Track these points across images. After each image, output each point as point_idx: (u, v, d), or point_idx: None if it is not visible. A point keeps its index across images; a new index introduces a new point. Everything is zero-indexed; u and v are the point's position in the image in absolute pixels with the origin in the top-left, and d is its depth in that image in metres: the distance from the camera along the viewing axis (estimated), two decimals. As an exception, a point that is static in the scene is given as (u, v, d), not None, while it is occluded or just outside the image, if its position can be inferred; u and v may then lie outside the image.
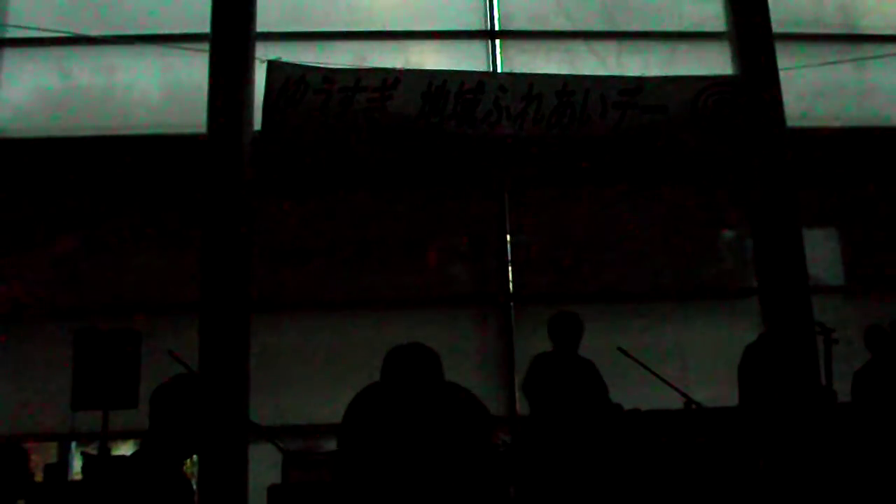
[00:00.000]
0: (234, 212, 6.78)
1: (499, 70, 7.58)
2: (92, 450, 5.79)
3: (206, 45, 7.08)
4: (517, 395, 6.92)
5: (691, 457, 5.21)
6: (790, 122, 7.33)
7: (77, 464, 7.01)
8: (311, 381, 6.82)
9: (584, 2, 7.94)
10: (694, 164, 7.25)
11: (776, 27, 7.54)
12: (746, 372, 4.96)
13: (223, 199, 6.79)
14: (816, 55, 7.73)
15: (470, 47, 7.78)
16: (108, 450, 5.54)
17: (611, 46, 7.82)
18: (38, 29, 7.10)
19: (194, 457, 6.04)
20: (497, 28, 7.80)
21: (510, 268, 7.36)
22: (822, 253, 7.49)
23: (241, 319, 6.64)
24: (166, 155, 7.07)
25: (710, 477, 5.05)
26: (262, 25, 7.27)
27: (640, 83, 7.07)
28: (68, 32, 7.15)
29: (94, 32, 7.22)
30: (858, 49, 7.96)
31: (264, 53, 6.93)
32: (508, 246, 7.39)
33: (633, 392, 6.09)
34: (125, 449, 6.96)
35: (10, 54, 7.46)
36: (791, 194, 7.16)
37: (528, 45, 7.78)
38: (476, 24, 7.82)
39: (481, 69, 7.50)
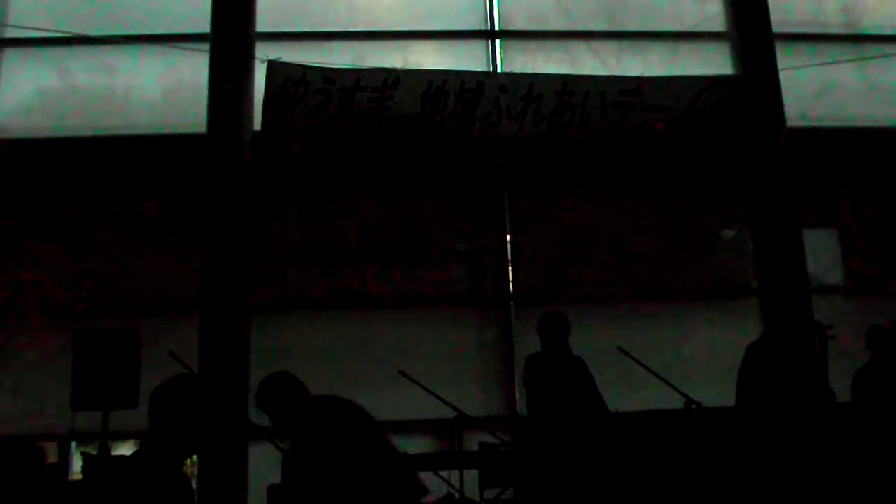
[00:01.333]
0: (234, 212, 6.79)
1: (499, 70, 7.58)
2: (92, 450, 5.77)
3: (206, 45, 7.10)
4: (517, 394, 6.92)
5: (691, 457, 5.19)
6: (790, 122, 7.34)
7: (77, 464, 7.01)
8: (311, 381, 6.77)
9: (584, 2, 7.94)
10: (694, 164, 7.26)
11: (776, 27, 7.55)
12: (749, 371, 4.95)
13: (223, 199, 6.80)
14: (817, 55, 7.73)
15: (470, 47, 7.78)
16: (108, 450, 5.53)
17: (611, 46, 7.82)
18: (38, 29, 7.11)
19: (194, 457, 6.04)
20: (497, 28, 7.80)
21: (510, 268, 7.35)
22: (822, 253, 7.49)
23: (241, 319, 6.64)
24: (166, 155, 7.07)
25: (710, 477, 5.03)
26: (262, 25, 7.29)
27: (639, 83, 7.07)
28: (68, 32, 7.16)
29: (94, 32, 7.22)
30: (859, 49, 7.95)
31: (264, 53, 6.94)
32: (508, 246, 7.39)
33: (633, 392, 6.09)
34: (125, 449, 6.96)
35: (10, 54, 7.46)
36: (791, 194, 7.17)
37: (528, 45, 7.78)
38: (476, 24, 7.81)
39: (481, 69, 7.50)
